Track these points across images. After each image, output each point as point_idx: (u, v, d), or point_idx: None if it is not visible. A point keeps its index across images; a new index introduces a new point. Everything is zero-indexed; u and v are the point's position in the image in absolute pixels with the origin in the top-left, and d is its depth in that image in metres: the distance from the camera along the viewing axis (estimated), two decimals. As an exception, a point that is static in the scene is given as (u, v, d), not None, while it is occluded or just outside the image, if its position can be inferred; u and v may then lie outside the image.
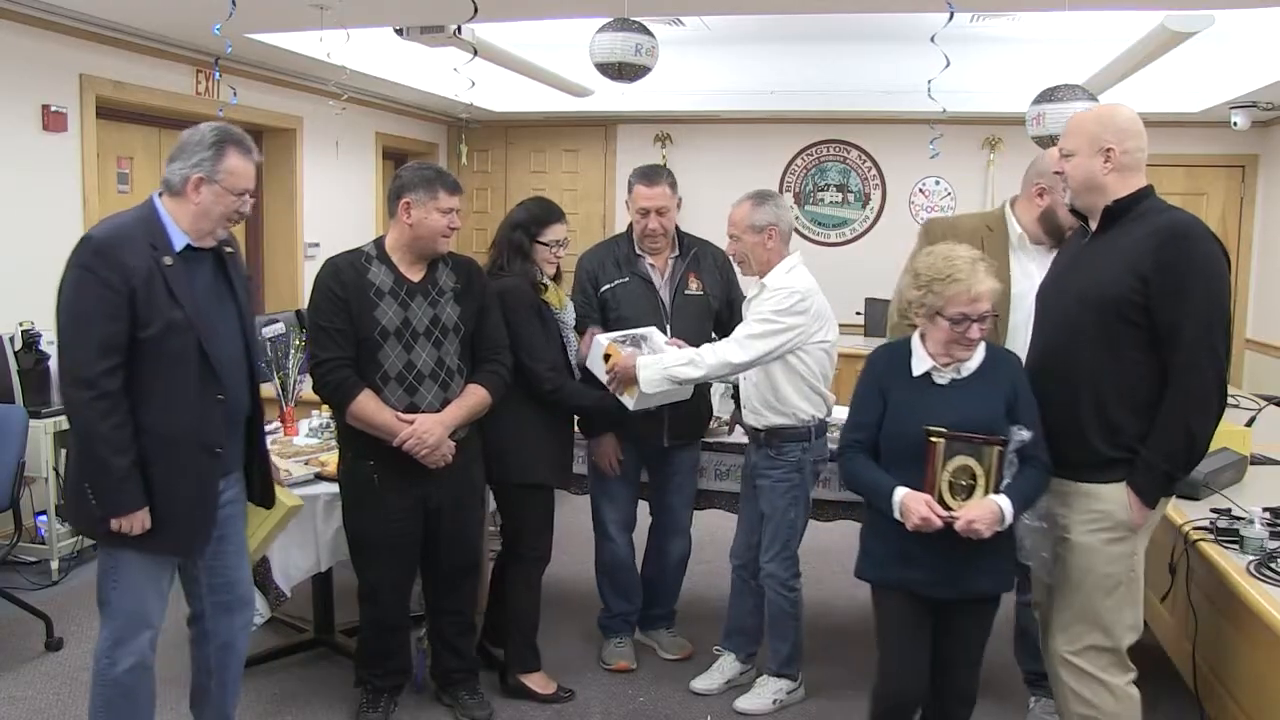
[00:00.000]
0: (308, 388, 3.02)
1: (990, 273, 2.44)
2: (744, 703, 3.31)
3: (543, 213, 3.27)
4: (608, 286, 3.46)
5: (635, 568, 3.64)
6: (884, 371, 2.55)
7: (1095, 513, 2.43)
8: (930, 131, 5.02)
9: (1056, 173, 2.56)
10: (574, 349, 3.32)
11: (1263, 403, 4.19)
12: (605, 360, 3.20)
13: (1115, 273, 2.36)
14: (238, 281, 2.59)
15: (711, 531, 4.11)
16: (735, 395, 3.55)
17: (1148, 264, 2.32)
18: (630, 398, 3.17)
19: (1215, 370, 2.34)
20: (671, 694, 3.41)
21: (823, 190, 8.31)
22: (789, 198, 8.26)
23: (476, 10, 3.93)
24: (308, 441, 3.69)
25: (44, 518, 4.33)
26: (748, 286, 3.33)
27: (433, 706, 3.26)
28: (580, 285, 3.52)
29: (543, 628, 3.40)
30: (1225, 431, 2.93)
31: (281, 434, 3.80)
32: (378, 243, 3.00)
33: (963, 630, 2.53)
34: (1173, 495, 2.54)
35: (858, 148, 8.20)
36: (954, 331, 2.42)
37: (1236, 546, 2.60)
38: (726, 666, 3.45)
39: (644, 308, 3.44)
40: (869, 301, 7.35)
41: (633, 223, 3.48)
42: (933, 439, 2.38)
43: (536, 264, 3.24)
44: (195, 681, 2.75)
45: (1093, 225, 2.49)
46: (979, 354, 2.48)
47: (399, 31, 5.03)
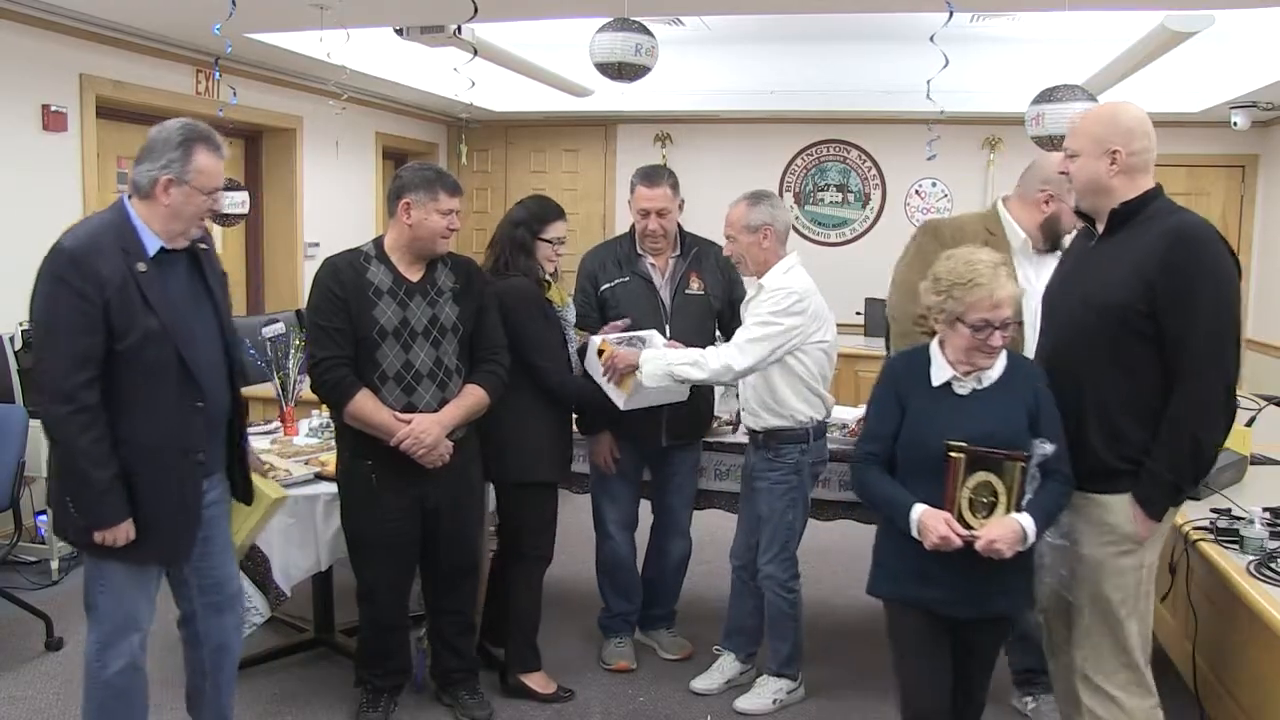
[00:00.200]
0: (308, 388, 3.02)
1: (1012, 278, 2.36)
2: (744, 703, 3.31)
3: (544, 210, 3.27)
4: (608, 286, 3.47)
5: (636, 567, 3.64)
6: (902, 380, 2.45)
7: (1102, 525, 2.37)
8: (928, 133, 5.02)
9: (1062, 173, 2.50)
10: (575, 346, 3.32)
11: (1263, 403, 4.18)
12: (599, 355, 3.20)
13: (1121, 279, 2.30)
14: (213, 279, 2.54)
15: (711, 531, 4.11)
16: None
17: (1154, 270, 2.25)
18: (622, 396, 3.17)
19: (1223, 380, 2.27)
20: (671, 694, 3.41)
21: (823, 190, 8.31)
22: (789, 197, 8.27)
23: (476, 10, 3.93)
24: (308, 441, 3.69)
25: (44, 517, 4.33)
26: (748, 286, 3.33)
27: (433, 706, 3.26)
28: (581, 285, 3.54)
29: (543, 628, 3.40)
30: (1225, 431, 2.93)
31: (281, 434, 3.80)
32: (376, 242, 3.00)
33: (979, 646, 2.47)
34: (1180, 506, 2.46)
35: (858, 148, 8.20)
36: (975, 339, 2.31)
37: (1236, 546, 2.60)
38: (726, 666, 3.45)
39: (644, 307, 3.44)
40: (869, 301, 7.35)
41: (634, 223, 3.49)
42: (953, 454, 2.27)
43: (538, 262, 3.24)
44: (190, 684, 2.73)
45: (1099, 227, 2.43)
46: (1000, 363, 2.39)
47: (399, 31, 5.03)
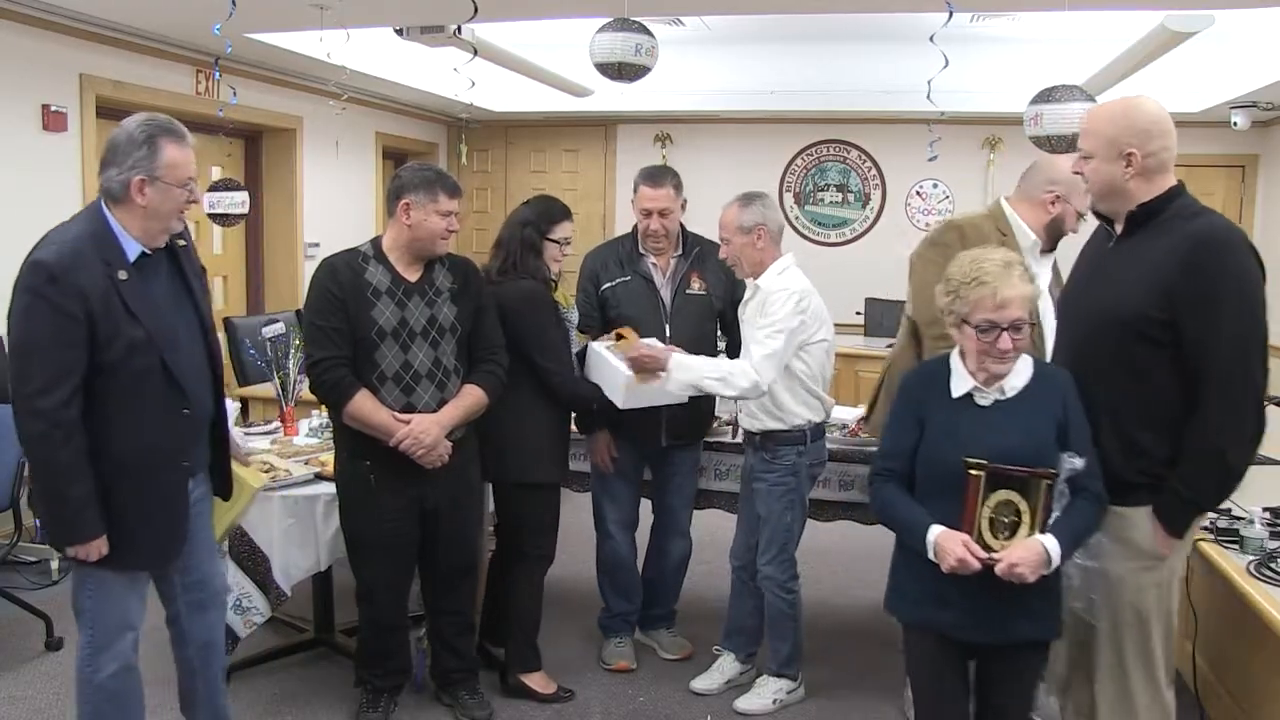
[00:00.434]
0: (307, 388, 3.02)
1: (1025, 279, 2.23)
2: (744, 703, 3.31)
3: (551, 210, 3.27)
4: (608, 285, 3.47)
5: (636, 567, 3.64)
6: (920, 393, 2.33)
7: (1121, 539, 2.25)
8: (929, 133, 5.01)
9: (1076, 173, 2.38)
10: (577, 349, 3.34)
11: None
12: (616, 338, 3.23)
13: (1138, 285, 2.18)
14: (193, 277, 2.51)
15: (711, 531, 4.11)
16: None
17: (1174, 278, 2.13)
18: (621, 395, 3.17)
19: (1251, 392, 2.13)
20: (671, 694, 3.41)
21: (823, 190, 8.31)
22: (789, 197, 8.27)
23: (476, 10, 3.93)
24: (308, 441, 3.69)
25: (44, 518, 4.33)
26: (746, 287, 3.33)
27: (433, 706, 3.26)
28: (582, 284, 3.55)
29: (543, 628, 3.40)
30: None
31: (281, 434, 3.80)
32: (375, 243, 3.00)
33: (1008, 674, 2.29)
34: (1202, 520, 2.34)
35: (858, 148, 8.20)
36: (982, 341, 2.20)
37: (1236, 546, 2.60)
38: (726, 666, 3.45)
39: (644, 307, 3.45)
40: (869, 301, 7.36)
41: (637, 222, 3.49)
42: (972, 471, 2.13)
43: (545, 262, 3.24)
44: (182, 684, 2.71)
45: (1117, 228, 2.32)
46: (1024, 371, 2.25)
47: (399, 31, 5.03)
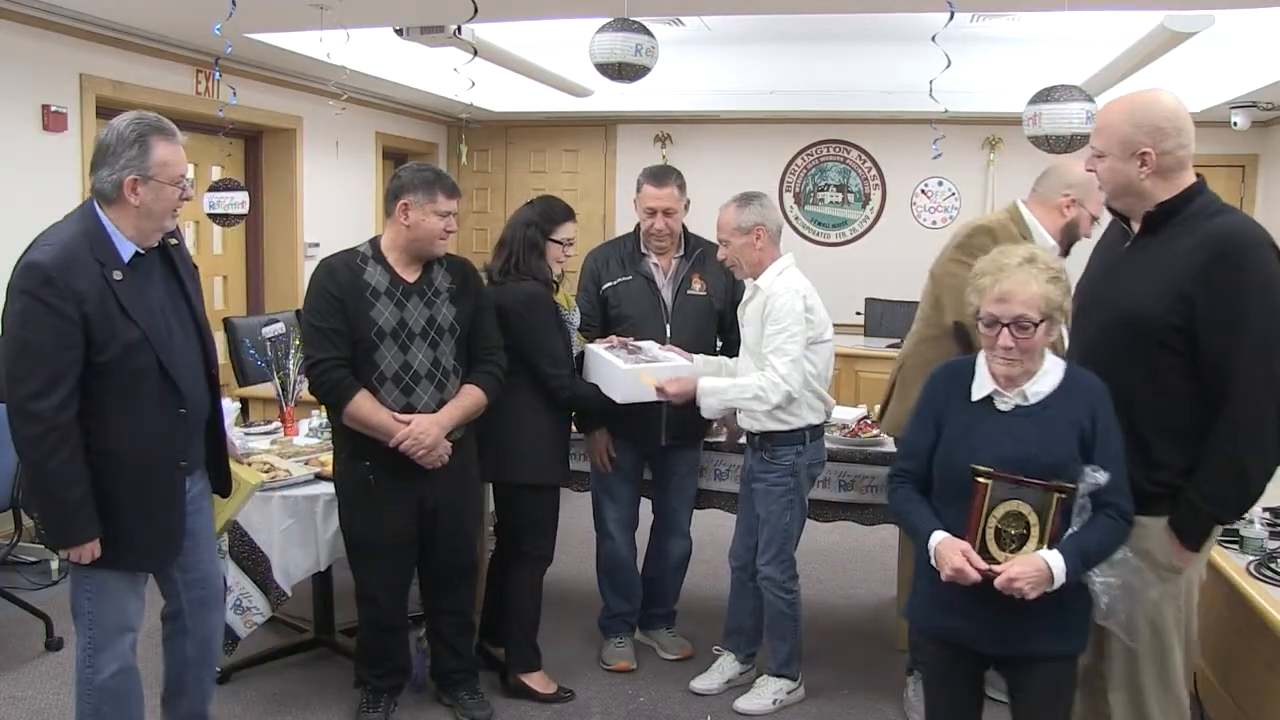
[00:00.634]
0: (307, 388, 3.02)
1: (1041, 278, 2.09)
2: (744, 703, 3.31)
3: (554, 210, 3.27)
4: (610, 285, 3.47)
5: (636, 568, 3.64)
6: (943, 392, 2.24)
7: (1137, 550, 2.15)
8: (932, 132, 5.01)
9: (1089, 170, 2.29)
10: (578, 351, 3.34)
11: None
12: (608, 350, 3.23)
13: (1156, 289, 2.09)
14: (186, 275, 2.52)
15: (711, 531, 4.11)
16: None
17: (1193, 282, 2.04)
18: (619, 390, 3.18)
19: (1275, 401, 2.03)
20: (671, 694, 3.41)
21: (823, 190, 8.31)
22: (789, 197, 8.27)
23: (476, 10, 3.93)
24: (308, 441, 3.69)
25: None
26: (746, 288, 3.33)
27: (433, 706, 3.26)
28: (584, 284, 3.55)
29: (543, 628, 3.40)
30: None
31: (281, 434, 3.80)
32: (373, 243, 3.00)
33: (1028, 691, 2.17)
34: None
35: (858, 148, 8.20)
36: (987, 337, 2.12)
37: (1236, 546, 2.61)
38: (726, 666, 3.45)
39: (644, 306, 3.45)
40: (869, 301, 7.36)
41: (639, 222, 3.49)
42: (979, 479, 2.05)
43: (548, 263, 3.24)
44: (169, 677, 2.70)
45: (1134, 225, 2.23)
46: (1052, 376, 2.12)
47: (399, 31, 5.03)
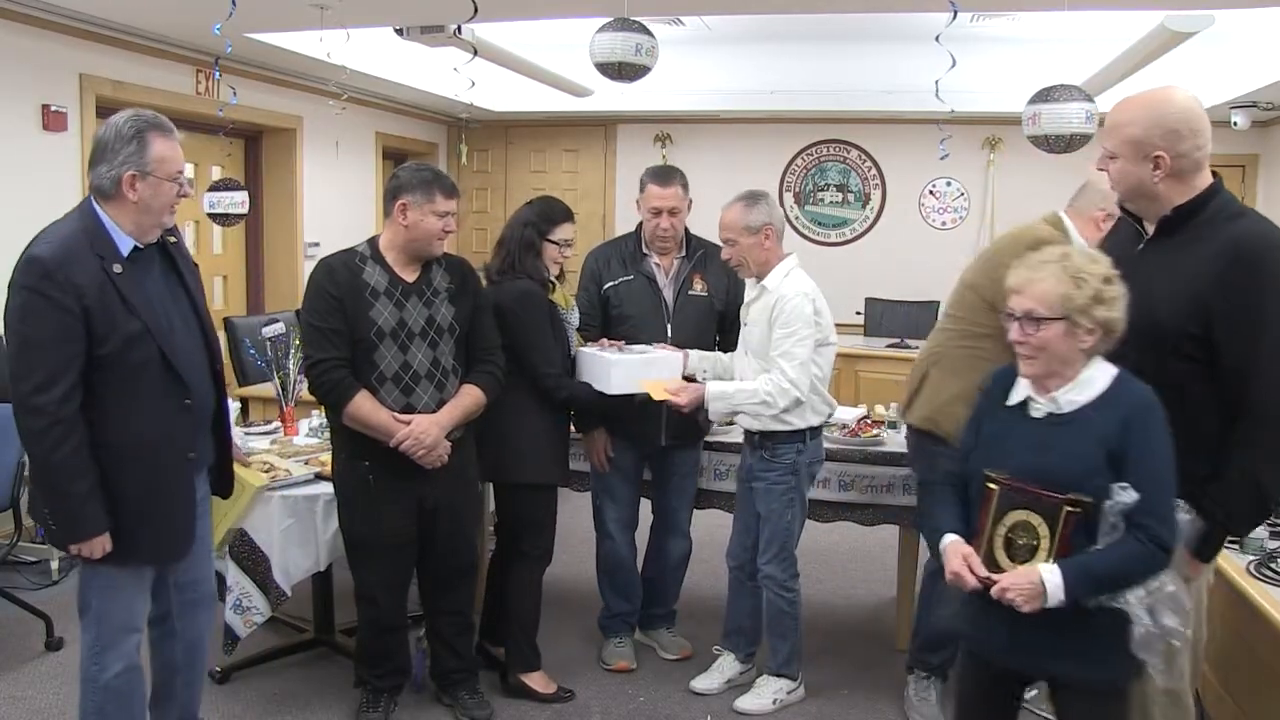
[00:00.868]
0: (307, 388, 3.02)
1: (1063, 276, 1.97)
2: (744, 703, 3.30)
3: (552, 211, 3.27)
4: (611, 284, 3.47)
5: (636, 568, 3.64)
6: (987, 396, 2.18)
7: None
8: (938, 131, 5.00)
9: (1100, 170, 2.21)
10: (575, 349, 3.34)
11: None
12: (598, 348, 3.21)
13: (1171, 296, 2.03)
14: (186, 272, 2.53)
15: (711, 531, 4.11)
16: None
17: (1211, 289, 1.98)
18: (610, 381, 3.19)
19: None
20: (671, 694, 3.41)
21: (823, 190, 8.31)
22: (789, 197, 8.28)
23: (476, 10, 3.93)
24: (308, 441, 3.69)
25: (44, 518, 4.33)
26: (749, 287, 3.33)
27: (433, 706, 3.26)
28: (584, 284, 3.55)
29: (543, 628, 3.40)
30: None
31: (281, 434, 3.80)
32: (371, 243, 3.00)
33: (1062, 708, 2.11)
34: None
35: (858, 148, 8.20)
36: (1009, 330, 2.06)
37: (1236, 546, 2.61)
38: (726, 666, 3.45)
39: (646, 306, 3.45)
40: (869, 301, 7.37)
41: (643, 222, 3.49)
42: (990, 484, 2.02)
43: (544, 263, 3.25)
44: (158, 680, 2.70)
45: (1148, 227, 2.17)
46: (1095, 385, 2.01)
47: (399, 31, 5.03)
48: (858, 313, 7.33)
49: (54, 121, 4.76)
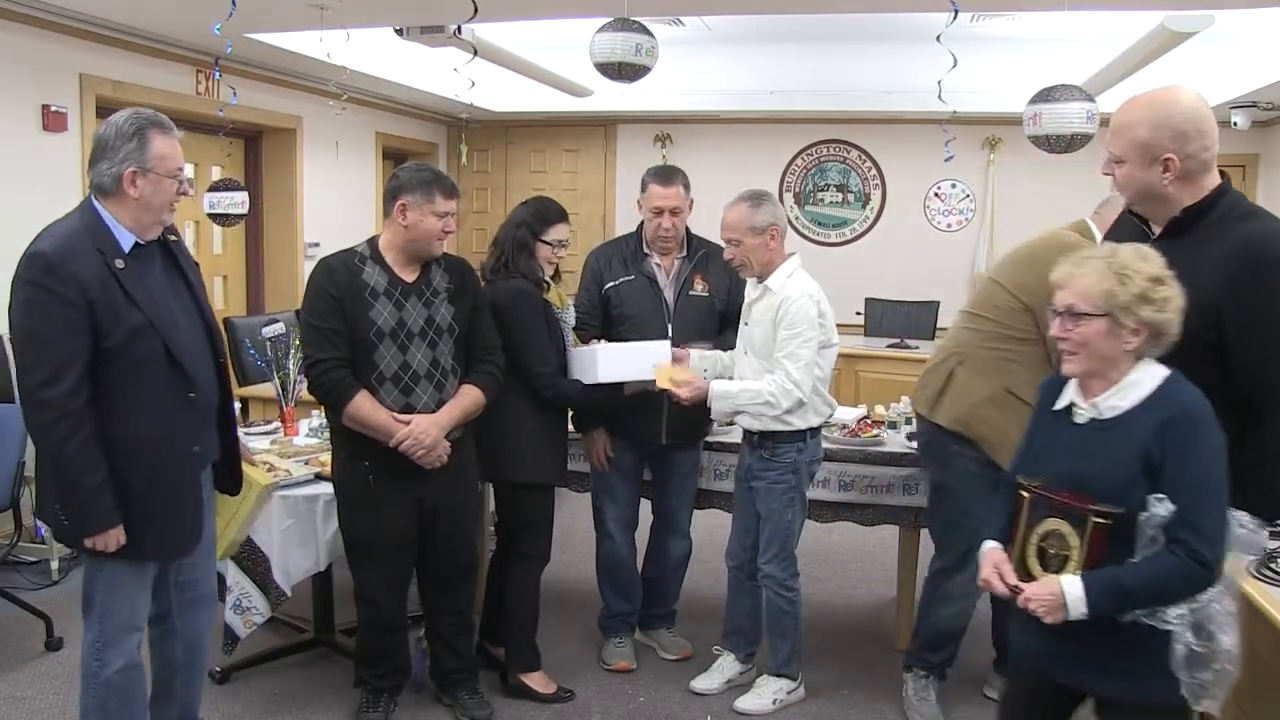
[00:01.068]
0: (306, 388, 3.02)
1: (1107, 272, 1.90)
2: (744, 703, 3.30)
3: (546, 212, 3.28)
4: (612, 284, 3.47)
5: (636, 568, 3.64)
6: (1039, 402, 2.13)
7: None
8: (938, 132, 5.00)
9: (1106, 174, 2.18)
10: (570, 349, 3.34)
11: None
12: (613, 347, 3.24)
13: (1185, 302, 1.97)
14: (189, 270, 2.55)
15: (711, 531, 4.11)
16: None
17: (1221, 292, 1.95)
18: (598, 369, 3.19)
19: None
20: (671, 694, 3.41)
21: (823, 190, 8.31)
22: (789, 197, 8.28)
23: (476, 10, 3.94)
24: (308, 441, 3.69)
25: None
26: (750, 287, 3.32)
27: (433, 706, 3.26)
28: (585, 284, 3.55)
29: (543, 628, 3.40)
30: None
31: (281, 434, 3.80)
32: (371, 243, 3.00)
33: None
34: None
35: (858, 148, 8.20)
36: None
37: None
38: (726, 666, 3.45)
39: (647, 306, 3.45)
40: (869, 301, 7.37)
41: (644, 222, 3.49)
42: (1022, 492, 1.99)
43: (538, 263, 3.25)
44: (157, 679, 2.70)
45: (1154, 227, 2.14)
46: (1139, 390, 1.92)
47: (399, 31, 5.04)
48: (858, 313, 7.33)
49: (54, 122, 4.76)
